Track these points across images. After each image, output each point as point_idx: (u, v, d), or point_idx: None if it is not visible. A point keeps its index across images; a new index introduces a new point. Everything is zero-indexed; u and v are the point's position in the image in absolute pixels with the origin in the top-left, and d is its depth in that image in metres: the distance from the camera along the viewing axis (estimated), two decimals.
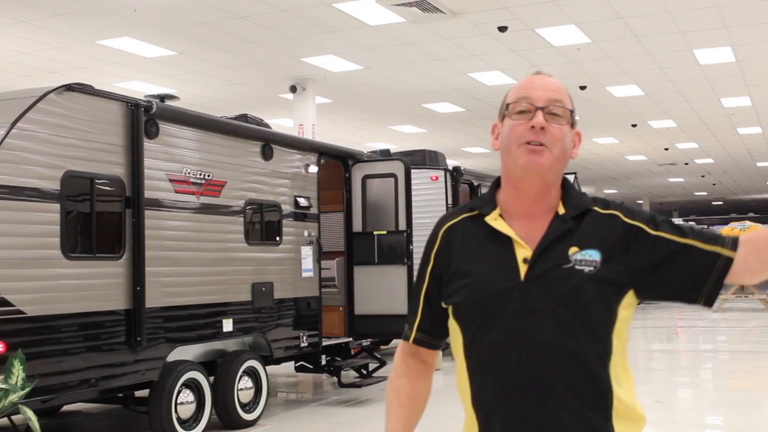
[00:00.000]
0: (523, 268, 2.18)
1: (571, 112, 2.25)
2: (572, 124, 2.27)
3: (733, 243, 2.17)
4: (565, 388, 2.11)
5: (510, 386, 2.16)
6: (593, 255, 2.16)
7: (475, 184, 15.42)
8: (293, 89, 17.66)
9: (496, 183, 2.36)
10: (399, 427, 2.45)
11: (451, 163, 15.55)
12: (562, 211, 2.23)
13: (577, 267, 2.15)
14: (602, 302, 2.14)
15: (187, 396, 8.25)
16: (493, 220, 2.27)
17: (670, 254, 2.17)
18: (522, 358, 2.15)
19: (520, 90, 2.27)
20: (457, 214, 2.38)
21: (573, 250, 2.17)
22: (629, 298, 2.19)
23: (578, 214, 2.23)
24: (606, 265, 2.15)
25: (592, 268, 2.14)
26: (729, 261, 2.15)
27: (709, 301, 2.20)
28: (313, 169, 10.56)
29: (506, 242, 2.22)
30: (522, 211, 2.25)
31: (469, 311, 2.26)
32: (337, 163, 11.43)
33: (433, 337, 2.42)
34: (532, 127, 2.19)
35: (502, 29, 14.09)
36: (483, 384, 2.22)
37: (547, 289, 2.15)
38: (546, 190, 2.24)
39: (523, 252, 2.19)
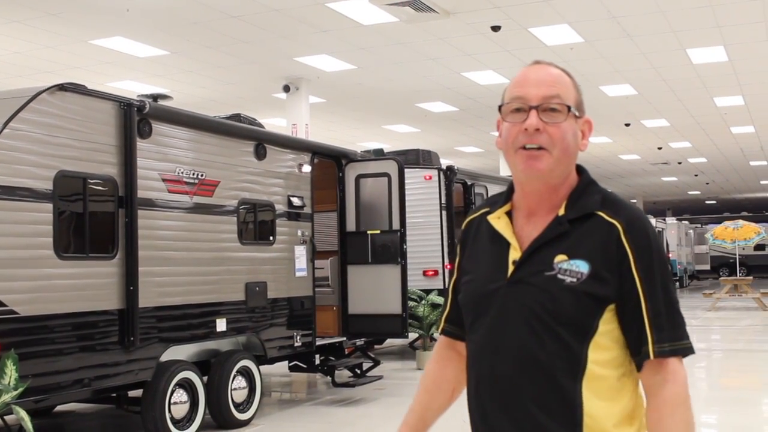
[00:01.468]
0: (510, 270, 2.12)
1: (569, 107, 2.12)
2: (578, 115, 2.16)
3: (659, 351, 2.03)
4: (530, 397, 2.05)
5: (483, 389, 2.14)
6: (580, 266, 2.04)
7: (469, 183, 15.42)
8: (286, 89, 17.66)
9: None
10: (418, 409, 2.45)
11: (444, 162, 15.56)
12: (562, 212, 2.12)
13: (560, 276, 2.04)
14: (578, 314, 2.03)
15: (180, 396, 8.24)
16: (496, 218, 2.21)
17: (627, 300, 2.06)
18: (493, 362, 2.11)
19: (514, 88, 2.16)
20: (480, 208, 2.33)
21: (560, 257, 2.06)
22: (611, 312, 2.06)
23: (580, 217, 2.10)
24: (591, 279, 2.03)
25: (574, 280, 2.03)
26: (644, 358, 2.06)
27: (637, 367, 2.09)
28: (307, 168, 10.55)
29: (505, 242, 2.17)
30: (528, 210, 2.18)
31: (466, 309, 2.25)
32: (330, 163, 11.42)
33: (461, 329, 2.36)
34: (526, 129, 2.09)
35: (495, 29, 14.10)
36: (468, 384, 2.22)
37: (524, 294, 2.08)
38: (552, 190, 2.14)
39: (515, 254, 2.13)
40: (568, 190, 2.16)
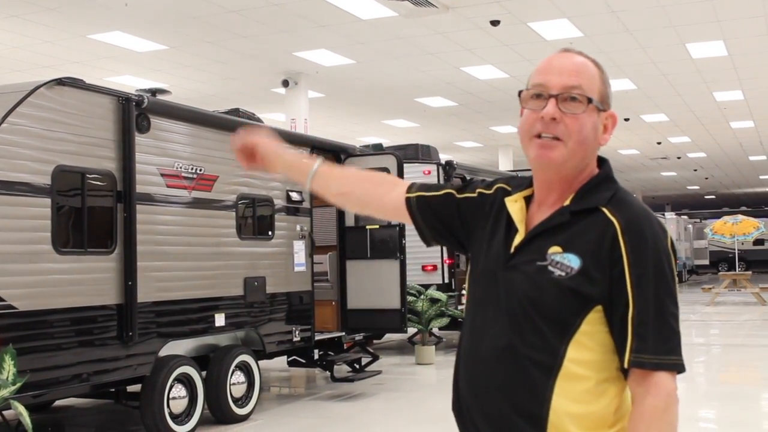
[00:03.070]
0: (510, 255, 2.10)
1: (590, 99, 2.05)
2: (601, 108, 2.09)
3: (639, 362, 1.94)
4: (500, 384, 2.01)
5: (464, 373, 2.13)
6: (572, 261, 1.98)
7: (468, 178, 15.40)
8: (285, 84, 17.63)
9: None
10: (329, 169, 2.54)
11: (443, 157, 15.56)
12: (567, 203, 2.07)
13: (550, 268, 1.99)
14: (561, 309, 1.97)
15: (179, 391, 8.23)
16: (513, 201, 2.18)
17: (617, 305, 1.97)
18: (476, 343, 2.10)
19: (537, 74, 2.11)
20: (506, 183, 2.29)
21: (554, 249, 2.01)
22: (598, 314, 1.99)
23: (583, 211, 2.04)
24: (580, 276, 1.97)
25: (563, 274, 1.98)
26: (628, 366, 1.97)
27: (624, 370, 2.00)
28: None
29: (514, 226, 2.14)
30: (540, 198, 2.15)
31: (468, 285, 2.24)
32: (329, 158, 11.39)
33: (419, 213, 2.39)
34: (543, 117, 2.04)
35: (495, 23, 14.09)
36: (455, 361, 2.21)
37: (514, 280, 2.04)
38: (564, 181, 2.09)
39: (518, 239, 2.10)
40: (583, 182, 2.10)
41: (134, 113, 7.92)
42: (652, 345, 1.94)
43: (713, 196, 56.56)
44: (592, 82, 2.09)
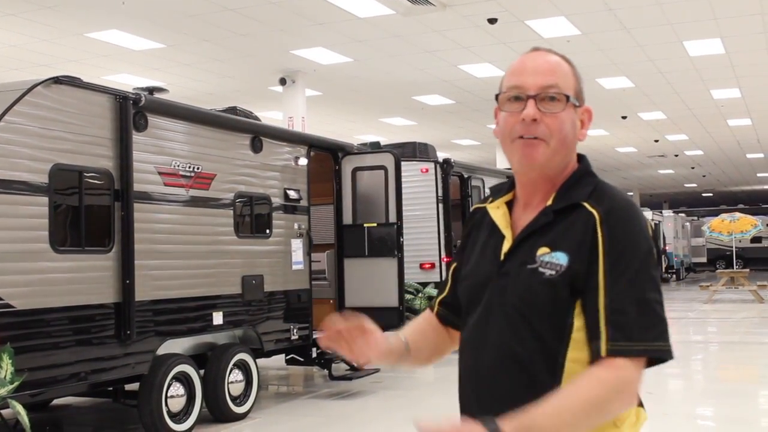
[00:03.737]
0: (500, 262, 2.08)
1: (567, 97, 2.06)
2: (577, 104, 2.10)
3: (613, 350, 1.89)
4: (507, 394, 1.99)
5: (466, 383, 2.12)
6: (560, 259, 1.97)
7: (466, 176, 15.40)
8: (283, 82, 17.63)
9: None
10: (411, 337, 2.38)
11: (441, 155, 15.54)
12: (550, 202, 2.06)
13: (540, 269, 1.98)
14: (555, 309, 1.96)
15: (177, 389, 8.23)
16: (495, 208, 2.17)
17: (587, 290, 1.95)
18: (476, 355, 2.08)
19: (512, 76, 2.09)
20: (487, 197, 2.28)
21: (543, 250, 2.00)
22: (580, 306, 1.98)
23: (566, 208, 2.03)
24: (570, 272, 1.95)
25: (553, 272, 1.96)
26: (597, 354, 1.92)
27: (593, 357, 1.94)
28: (303, 161, 10.53)
29: (500, 233, 2.12)
30: (525, 200, 2.14)
31: (463, 299, 2.22)
32: (326, 156, 11.40)
33: (452, 315, 2.33)
34: (524, 119, 2.03)
35: (492, 21, 14.09)
36: (458, 373, 2.19)
37: (507, 288, 2.03)
38: (547, 180, 2.09)
39: (506, 245, 2.09)
40: (564, 180, 2.09)
41: (131, 112, 7.91)
42: (636, 332, 1.90)
43: (711, 194, 56.61)
44: (567, 79, 2.09)
